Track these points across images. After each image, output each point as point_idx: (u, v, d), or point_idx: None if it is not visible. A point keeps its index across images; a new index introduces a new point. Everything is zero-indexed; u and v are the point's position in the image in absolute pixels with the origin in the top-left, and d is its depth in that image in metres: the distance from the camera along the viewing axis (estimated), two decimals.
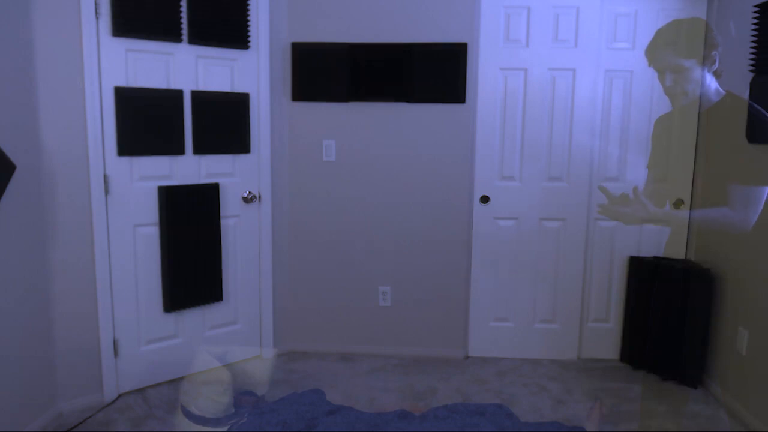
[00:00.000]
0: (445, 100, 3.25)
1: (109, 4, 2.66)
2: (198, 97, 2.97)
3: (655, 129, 3.24)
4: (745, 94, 2.73)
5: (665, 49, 3.08)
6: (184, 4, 2.86)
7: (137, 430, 2.61)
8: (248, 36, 3.10)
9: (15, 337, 2.44)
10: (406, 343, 3.48)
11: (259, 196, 3.28)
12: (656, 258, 3.27)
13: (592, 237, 3.38)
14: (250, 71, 3.15)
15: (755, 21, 2.66)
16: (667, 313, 3.09)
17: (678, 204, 3.30)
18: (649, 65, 3.00)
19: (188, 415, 2.59)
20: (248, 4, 3.08)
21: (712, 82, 3.00)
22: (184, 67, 2.92)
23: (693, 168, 3.25)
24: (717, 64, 2.95)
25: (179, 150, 2.95)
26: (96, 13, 2.63)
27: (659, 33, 3.05)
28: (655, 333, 3.16)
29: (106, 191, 2.77)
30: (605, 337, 3.44)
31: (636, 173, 3.30)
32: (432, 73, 3.22)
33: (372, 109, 3.31)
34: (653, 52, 3.04)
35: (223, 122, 3.08)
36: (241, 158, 3.19)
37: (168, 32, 2.83)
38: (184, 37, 2.90)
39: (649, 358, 3.22)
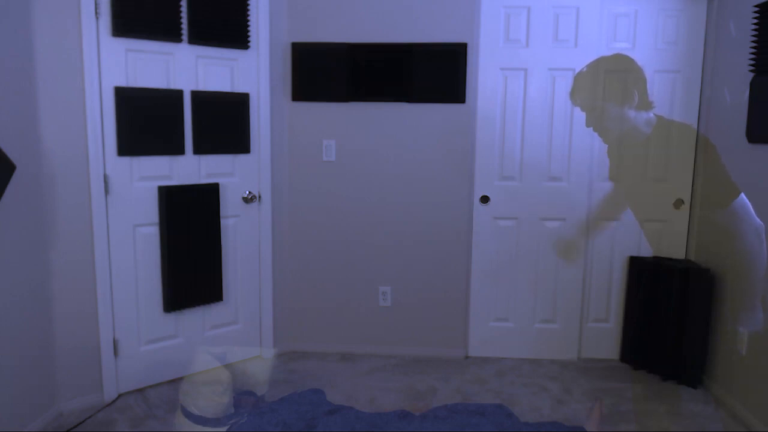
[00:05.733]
0: (445, 100, 3.25)
1: (109, 4, 2.66)
2: (198, 97, 2.97)
3: (609, 146, 3.26)
4: (745, 94, 2.73)
5: (585, 93, 3.21)
6: (184, 4, 2.86)
7: (137, 430, 2.61)
8: (248, 36, 3.10)
9: (15, 336, 2.44)
10: (406, 343, 3.48)
11: (259, 196, 3.28)
12: (656, 258, 3.27)
13: (592, 237, 3.38)
14: (250, 71, 3.15)
15: (755, 21, 2.66)
16: (667, 314, 3.09)
17: (678, 204, 3.30)
18: (574, 106, 3.15)
19: (188, 415, 2.59)
20: (248, 4, 3.08)
21: (638, 116, 3.11)
22: (184, 67, 2.92)
23: (693, 168, 3.26)
24: (636, 99, 3.07)
25: (179, 150, 2.95)
26: (96, 13, 2.63)
27: (579, 76, 3.19)
28: (655, 333, 3.16)
29: (106, 191, 2.77)
30: (605, 337, 3.44)
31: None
32: (432, 73, 3.22)
33: (372, 109, 3.31)
34: (575, 96, 3.19)
35: (223, 122, 3.08)
36: (241, 158, 3.19)
37: (168, 32, 2.83)
38: (184, 37, 2.90)
39: (649, 358, 3.22)
